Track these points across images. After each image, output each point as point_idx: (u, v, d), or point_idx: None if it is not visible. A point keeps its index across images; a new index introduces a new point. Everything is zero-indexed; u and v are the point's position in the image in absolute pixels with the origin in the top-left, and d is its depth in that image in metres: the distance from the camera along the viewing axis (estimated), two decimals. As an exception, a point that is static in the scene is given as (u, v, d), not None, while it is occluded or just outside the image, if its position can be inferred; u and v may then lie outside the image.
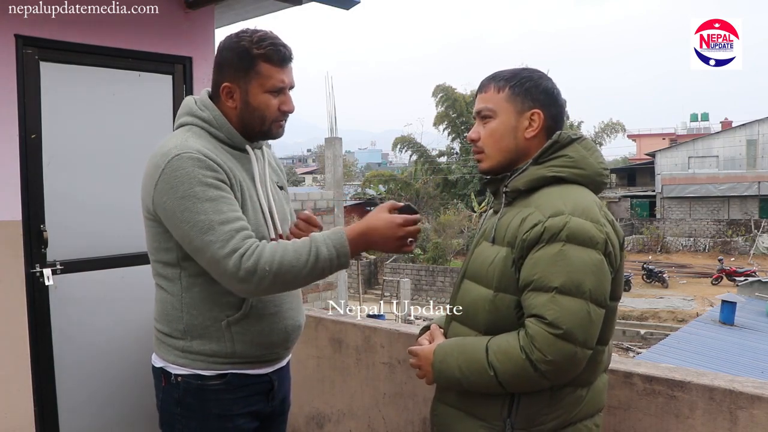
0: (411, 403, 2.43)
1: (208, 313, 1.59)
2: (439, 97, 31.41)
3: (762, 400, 1.62)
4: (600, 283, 1.32)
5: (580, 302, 1.29)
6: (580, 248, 1.31)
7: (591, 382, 1.42)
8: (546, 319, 1.28)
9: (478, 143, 1.52)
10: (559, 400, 1.38)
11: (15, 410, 2.68)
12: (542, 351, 1.27)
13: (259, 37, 1.58)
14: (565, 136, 1.45)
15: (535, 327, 1.29)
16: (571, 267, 1.30)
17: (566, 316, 1.27)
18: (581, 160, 1.44)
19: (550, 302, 1.29)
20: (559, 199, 1.37)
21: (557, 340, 1.27)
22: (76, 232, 2.86)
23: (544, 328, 1.28)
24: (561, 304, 1.28)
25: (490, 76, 1.53)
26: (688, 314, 17.11)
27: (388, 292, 20.63)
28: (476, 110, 1.54)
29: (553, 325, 1.27)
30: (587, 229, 1.32)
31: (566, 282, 1.29)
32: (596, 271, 1.31)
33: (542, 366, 1.27)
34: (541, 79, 1.50)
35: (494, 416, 1.42)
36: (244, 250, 1.44)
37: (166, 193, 1.49)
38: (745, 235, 28.83)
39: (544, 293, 1.30)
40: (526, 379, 1.31)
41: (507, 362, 1.31)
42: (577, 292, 1.29)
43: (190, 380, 1.61)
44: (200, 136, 1.59)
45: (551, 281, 1.30)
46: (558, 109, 1.51)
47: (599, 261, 1.32)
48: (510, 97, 1.48)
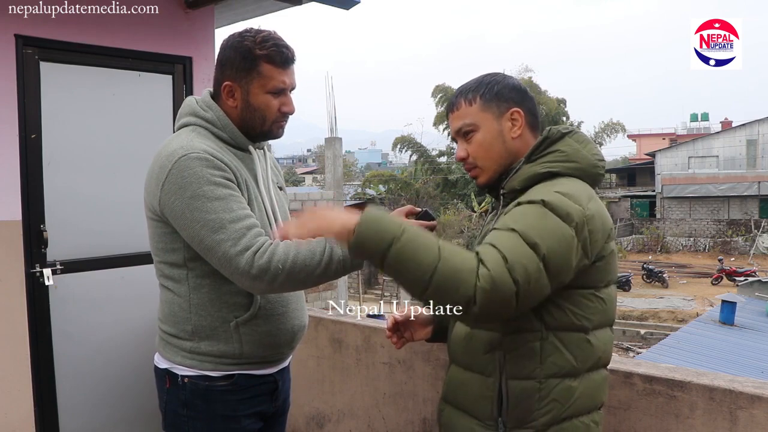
0: (411, 403, 2.43)
1: (217, 314, 1.58)
2: (439, 97, 31.40)
3: (762, 400, 1.62)
4: (559, 255, 1.27)
5: (533, 253, 1.25)
6: (554, 216, 1.29)
7: (580, 371, 1.39)
8: (497, 247, 1.25)
9: (468, 160, 1.51)
10: (547, 393, 1.37)
11: (15, 410, 2.68)
12: (489, 268, 1.21)
13: (262, 37, 1.58)
14: (555, 131, 1.45)
15: (489, 249, 1.25)
16: (538, 224, 1.28)
17: (517, 254, 1.24)
18: (574, 153, 1.43)
19: (506, 237, 1.27)
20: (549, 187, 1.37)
21: (504, 269, 1.22)
22: (76, 232, 2.86)
23: (496, 254, 1.24)
24: (516, 243, 1.25)
25: (455, 94, 1.52)
26: (688, 314, 17.12)
27: (388, 292, 20.64)
28: (455, 130, 1.52)
29: (503, 255, 1.23)
30: (567, 204, 1.31)
31: (527, 231, 1.27)
32: (561, 241, 1.28)
33: (482, 281, 1.20)
34: (506, 79, 1.51)
35: (487, 416, 1.42)
36: (256, 248, 1.44)
37: (174, 193, 1.48)
38: (745, 235, 28.85)
39: (504, 231, 1.29)
40: (461, 283, 1.21)
41: (455, 256, 1.23)
42: (533, 246, 1.25)
43: (197, 381, 1.60)
44: (204, 137, 1.59)
45: (515, 225, 1.29)
46: (531, 102, 1.51)
47: (570, 236, 1.29)
48: (483, 105, 1.47)
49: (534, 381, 1.37)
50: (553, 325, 1.36)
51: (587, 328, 1.39)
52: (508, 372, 1.39)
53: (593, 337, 1.40)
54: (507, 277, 1.22)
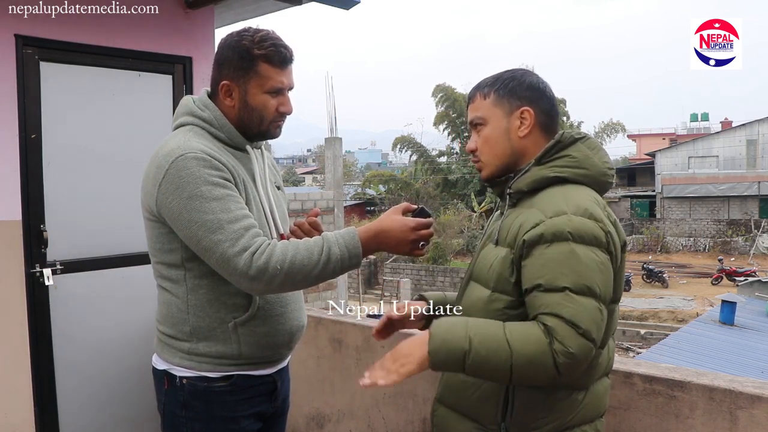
0: (411, 403, 2.43)
1: (215, 314, 1.58)
2: (439, 97, 31.41)
3: (762, 400, 1.61)
4: (607, 282, 1.32)
5: (592, 301, 1.27)
6: (586, 247, 1.30)
7: (587, 385, 1.40)
8: (563, 316, 1.25)
9: (476, 153, 1.52)
10: (553, 404, 1.37)
11: (15, 410, 2.68)
12: (564, 343, 1.23)
13: (260, 37, 1.57)
14: (567, 135, 1.44)
15: (554, 321, 1.26)
16: (581, 266, 1.28)
17: (583, 314, 1.25)
18: (584, 159, 1.42)
19: (564, 300, 1.26)
20: (561, 200, 1.36)
21: (578, 335, 1.24)
22: (76, 232, 2.86)
23: (564, 324, 1.25)
24: (576, 302, 1.26)
25: (476, 86, 1.53)
26: (688, 314, 17.10)
27: (388, 292, 20.63)
28: (469, 121, 1.54)
29: (572, 323, 1.24)
30: (591, 227, 1.31)
31: (578, 281, 1.27)
32: (603, 270, 1.31)
33: (561, 357, 1.23)
34: (524, 76, 1.49)
35: (489, 420, 1.41)
36: (255, 248, 1.43)
37: (171, 193, 1.47)
38: (745, 235, 28.83)
39: (556, 292, 1.28)
40: (541, 367, 1.25)
41: (526, 344, 1.25)
42: (589, 292, 1.27)
43: (195, 382, 1.60)
44: (201, 136, 1.58)
45: (562, 280, 1.27)
46: (547, 103, 1.49)
47: (605, 260, 1.32)
48: (496, 100, 1.47)
49: (542, 392, 1.37)
50: None
51: (604, 343, 1.39)
52: None
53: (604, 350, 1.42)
54: (585, 343, 1.26)
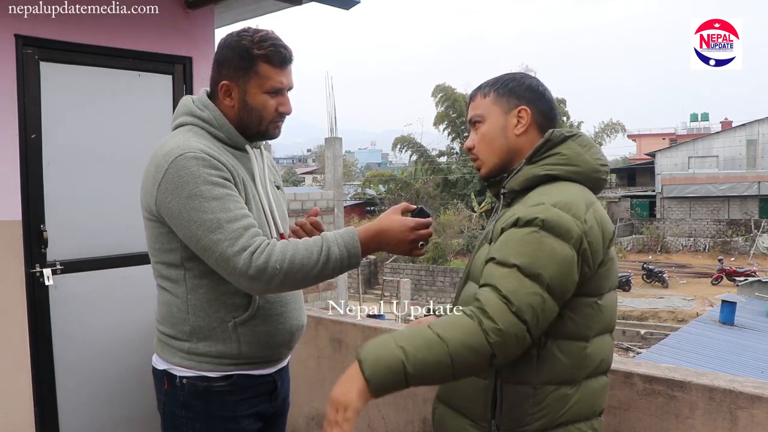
0: (411, 403, 2.43)
1: (215, 314, 1.58)
2: (439, 97, 31.41)
3: (762, 400, 1.61)
4: (562, 277, 1.29)
5: (536, 286, 1.26)
6: (554, 239, 1.29)
7: (576, 380, 1.38)
8: (500, 290, 1.26)
9: (473, 151, 1.54)
10: (542, 399, 1.36)
11: (15, 410, 2.68)
12: (493, 319, 1.23)
13: (260, 37, 1.57)
14: (557, 133, 1.44)
15: (490, 294, 1.26)
16: (540, 253, 1.28)
17: (520, 293, 1.25)
18: (575, 157, 1.42)
19: (508, 275, 1.27)
20: (545, 194, 1.37)
21: (509, 312, 1.24)
22: (76, 232, 2.86)
23: (498, 298, 1.25)
24: (519, 281, 1.26)
25: (477, 87, 1.56)
26: (688, 314, 17.11)
27: (388, 292, 20.64)
28: (468, 119, 1.57)
29: (506, 299, 1.25)
30: (566, 221, 1.30)
31: (530, 264, 1.27)
32: (562, 264, 1.29)
33: (492, 336, 1.22)
34: (524, 78, 1.52)
35: (480, 417, 1.42)
36: (254, 248, 1.43)
37: (170, 193, 1.47)
38: (745, 235, 28.84)
39: (504, 267, 1.29)
40: (477, 348, 1.23)
41: (456, 330, 1.24)
42: (537, 278, 1.27)
43: (195, 382, 1.59)
44: (201, 136, 1.58)
45: (515, 258, 1.28)
46: (546, 105, 1.51)
47: (569, 256, 1.30)
48: (495, 99, 1.50)
49: (529, 386, 1.37)
50: (552, 333, 1.35)
51: (588, 336, 1.39)
52: (503, 375, 1.38)
53: (593, 345, 1.40)
54: (515, 321, 1.24)
